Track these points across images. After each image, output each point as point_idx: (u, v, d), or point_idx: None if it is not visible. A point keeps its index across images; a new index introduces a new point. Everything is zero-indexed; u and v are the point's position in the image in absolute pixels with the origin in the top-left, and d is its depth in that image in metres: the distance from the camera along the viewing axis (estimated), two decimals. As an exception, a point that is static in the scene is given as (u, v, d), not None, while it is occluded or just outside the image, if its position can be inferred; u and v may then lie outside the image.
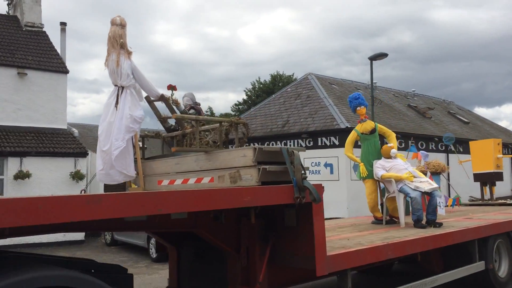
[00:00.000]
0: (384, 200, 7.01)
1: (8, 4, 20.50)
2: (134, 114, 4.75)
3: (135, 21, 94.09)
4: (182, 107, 5.56)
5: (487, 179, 10.76)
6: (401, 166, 6.66)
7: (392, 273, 7.39)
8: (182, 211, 3.45)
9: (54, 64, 15.90)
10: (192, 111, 5.77)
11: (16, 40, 16.19)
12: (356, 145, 7.62)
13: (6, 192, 13.57)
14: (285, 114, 20.44)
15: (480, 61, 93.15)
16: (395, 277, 7.06)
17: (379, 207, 7.34)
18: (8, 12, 18.72)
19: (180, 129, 4.92)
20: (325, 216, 7.76)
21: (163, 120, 5.14)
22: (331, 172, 17.42)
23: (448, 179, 13.86)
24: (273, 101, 22.41)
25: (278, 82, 43.08)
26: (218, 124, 4.75)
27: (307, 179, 4.15)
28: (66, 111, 15.87)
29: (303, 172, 4.05)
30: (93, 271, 3.25)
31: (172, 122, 5.24)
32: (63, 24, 17.48)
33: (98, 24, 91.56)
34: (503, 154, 11.16)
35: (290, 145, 18.72)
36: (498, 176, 10.75)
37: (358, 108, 7.18)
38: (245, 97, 45.90)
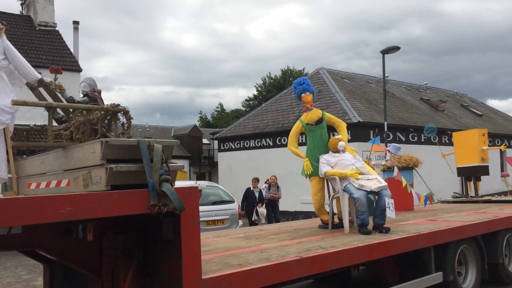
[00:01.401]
0: (329, 200, 6.12)
1: (21, 4, 20.76)
2: (1, 103, 4.06)
3: (144, 18, 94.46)
4: (68, 94, 4.75)
5: (472, 174, 9.86)
6: (347, 162, 5.72)
7: (352, 281, 6.45)
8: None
9: (67, 62, 16.09)
10: (85, 98, 4.75)
11: (29, 40, 16.42)
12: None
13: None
14: (297, 109, 20.41)
15: (493, 53, 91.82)
16: (353, 286, 6.38)
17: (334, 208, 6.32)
18: (21, 12, 18.96)
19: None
20: None
21: (53, 110, 4.17)
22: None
23: (431, 175, 13.42)
24: (284, 96, 22.39)
25: (288, 77, 43.01)
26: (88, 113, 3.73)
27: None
28: (79, 109, 16.06)
29: (164, 172, 3.08)
30: None
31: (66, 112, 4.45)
32: (75, 23, 17.66)
33: (108, 21, 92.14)
34: (489, 145, 10.19)
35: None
36: (483, 170, 9.78)
37: (303, 94, 6.17)
38: (255, 93, 45.98)
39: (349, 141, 17.41)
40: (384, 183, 5.46)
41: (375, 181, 5.49)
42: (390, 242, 4.70)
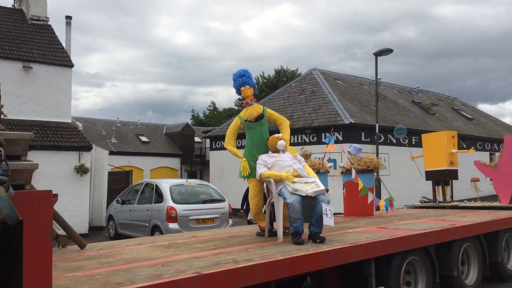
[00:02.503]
0: (265, 206, 5.57)
1: (13, -2, 20.52)
2: None
3: (138, 14, 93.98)
4: None
5: (440, 178, 9.34)
6: (284, 163, 5.18)
7: None
8: None
9: (59, 57, 15.94)
10: None
11: (21, 34, 16.24)
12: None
13: (11, 185, 13.65)
14: (289, 109, 20.44)
15: (484, 57, 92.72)
16: None
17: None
18: (13, 6, 18.76)
19: None
20: None
21: None
22: (334, 167, 17.39)
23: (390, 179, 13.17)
24: (277, 96, 22.41)
25: (282, 77, 43.06)
26: None
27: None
28: (70, 105, 15.92)
29: (1, 171, 2.60)
30: None
31: None
32: (68, 17, 17.51)
33: (101, 17, 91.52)
34: (459, 149, 9.64)
35: (293, 141, 18.75)
36: (452, 175, 9.28)
37: (243, 88, 5.57)
38: (248, 92, 45.92)
39: (340, 142, 17.65)
40: (322, 187, 4.88)
41: (312, 184, 4.89)
42: (317, 254, 4.06)
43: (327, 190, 5.00)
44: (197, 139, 35.53)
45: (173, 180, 12.84)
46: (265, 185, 5.49)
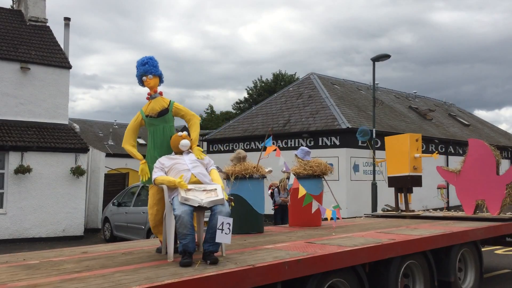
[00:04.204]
0: (163, 218, 4.64)
1: (12, -1, 20.51)
2: None
3: (136, 17, 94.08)
4: None
5: (402, 184, 8.51)
6: (183, 166, 4.43)
7: None
8: None
9: (57, 59, 15.93)
10: None
11: (19, 35, 16.22)
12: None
13: (6, 187, 13.62)
14: (287, 113, 20.47)
15: (481, 64, 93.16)
16: None
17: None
18: (12, 7, 18.77)
19: None
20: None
21: None
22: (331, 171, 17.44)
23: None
24: (275, 100, 22.45)
25: (280, 81, 43.13)
26: None
27: None
28: (68, 107, 15.90)
29: None
30: None
31: None
32: (67, 19, 17.51)
33: (98, 19, 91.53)
34: (423, 153, 8.82)
35: (290, 145, 18.78)
36: (415, 181, 8.46)
37: (145, 78, 4.78)
38: (246, 96, 46.03)
39: (338, 146, 17.68)
40: (221, 196, 4.10)
41: (211, 193, 4.16)
42: (193, 281, 3.20)
43: (227, 201, 4.21)
44: (194, 142, 35.51)
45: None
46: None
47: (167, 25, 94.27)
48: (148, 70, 4.78)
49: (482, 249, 6.80)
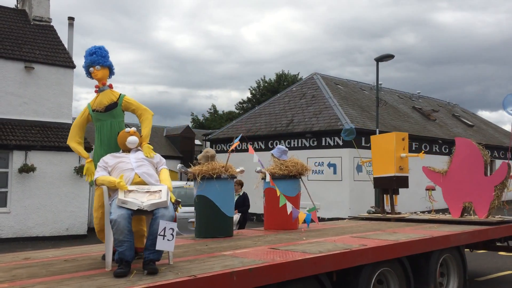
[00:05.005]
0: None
1: (16, -2, 20.57)
2: None
3: (139, 16, 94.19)
4: None
5: (388, 185, 8.13)
6: (127, 165, 4.05)
7: None
8: None
9: (61, 58, 15.98)
10: None
11: (24, 34, 16.28)
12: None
13: (10, 186, 13.66)
14: (290, 113, 20.46)
15: (484, 64, 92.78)
16: None
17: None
18: (16, 6, 18.81)
19: None
20: (328, 217, 6.59)
21: None
22: (334, 172, 17.44)
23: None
24: (278, 100, 22.44)
25: (283, 81, 43.14)
26: None
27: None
28: (71, 106, 15.95)
29: None
30: None
31: None
32: (71, 19, 17.55)
33: (101, 19, 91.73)
34: (410, 152, 8.42)
35: (293, 145, 18.77)
36: (401, 182, 8.05)
37: (92, 69, 4.43)
38: (249, 96, 46.06)
39: (341, 147, 17.65)
40: (164, 199, 3.73)
41: (155, 195, 3.79)
42: None
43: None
44: (197, 141, 35.55)
45: (172, 182, 12.83)
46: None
47: (169, 24, 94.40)
48: (95, 60, 4.43)
49: (480, 251, 6.55)
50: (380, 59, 16.49)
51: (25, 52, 15.35)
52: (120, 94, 4.53)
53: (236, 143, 6.15)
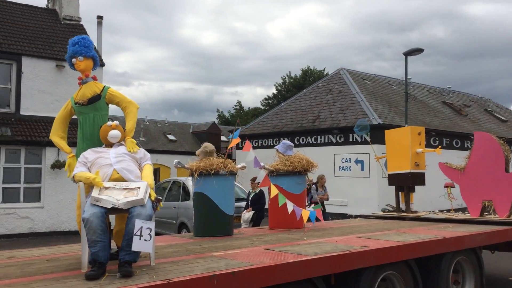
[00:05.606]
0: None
1: (47, -2, 21.06)
2: None
3: (165, 14, 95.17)
4: None
5: (403, 183, 7.74)
6: (105, 160, 3.84)
7: None
8: None
9: (91, 57, 16.30)
10: None
11: (55, 33, 16.67)
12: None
13: (43, 181, 14.05)
14: (316, 109, 20.30)
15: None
16: None
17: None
18: (47, 6, 19.27)
19: None
20: (355, 214, 6.30)
21: None
22: (362, 168, 17.20)
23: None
24: (304, 96, 22.29)
25: (309, 77, 42.85)
26: None
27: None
28: (101, 103, 16.26)
29: None
30: None
31: None
32: (99, 17, 17.86)
33: (129, 17, 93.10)
34: (426, 148, 7.94)
35: (320, 141, 18.61)
36: (417, 179, 7.67)
37: (74, 60, 4.23)
38: (275, 92, 45.94)
39: (368, 143, 17.39)
40: (141, 196, 3.49)
41: (132, 192, 3.55)
42: None
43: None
44: (223, 138, 35.74)
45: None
46: None
47: (195, 22, 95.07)
48: (78, 51, 4.20)
49: (499, 252, 6.10)
50: (409, 53, 16.16)
51: (56, 51, 15.72)
52: (104, 86, 4.32)
53: (236, 139, 5.83)
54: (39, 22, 16.98)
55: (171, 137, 33.57)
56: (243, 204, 9.89)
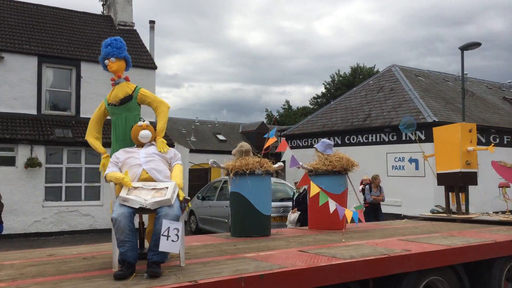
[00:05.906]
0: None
1: (103, 5, 22.06)
2: None
3: (213, 16, 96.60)
4: None
5: (453, 182, 7.37)
6: (135, 160, 3.85)
7: None
8: None
9: (144, 60, 16.84)
10: None
11: (110, 39, 17.40)
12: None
13: (102, 180, 14.70)
14: (367, 107, 19.88)
15: None
16: None
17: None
18: (103, 13, 20.16)
19: None
20: (410, 214, 6.00)
21: None
22: (416, 168, 16.66)
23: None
24: (354, 94, 21.90)
25: (358, 75, 42.08)
26: None
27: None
28: (154, 105, 16.79)
29: None
30: None
31: None
32: (152, 22, 18.45)
33: (179, 21, 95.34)
34: (478, 145, 7.53)
35: (371, 140, 18.22)
36: (468, 179, 7.28)
37: (107, 61, 4.28)
38: (323, 90, 45.47)
39: (423, 141, 16.82)
40: (168, 197, 3.45)
41: (160, 192, 3.52)
42: None
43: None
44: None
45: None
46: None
47: (242, 22, 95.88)
48: (110, 52, 4.29)
49: None
50: (466, 47, 15.45)
51: (112, 56, 16.39)
52: (136, 86, 4.34)
53: (272, 138, 5.70)
54: (96, 29, 17.77)
55: (221, 137, 34.06)
56: (290, 204, 9.83)
